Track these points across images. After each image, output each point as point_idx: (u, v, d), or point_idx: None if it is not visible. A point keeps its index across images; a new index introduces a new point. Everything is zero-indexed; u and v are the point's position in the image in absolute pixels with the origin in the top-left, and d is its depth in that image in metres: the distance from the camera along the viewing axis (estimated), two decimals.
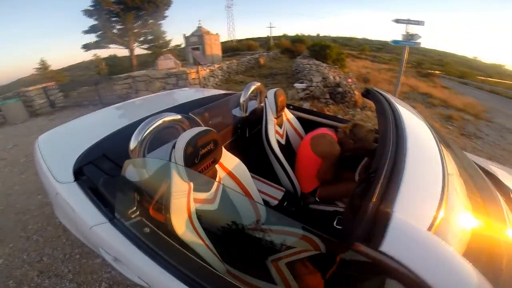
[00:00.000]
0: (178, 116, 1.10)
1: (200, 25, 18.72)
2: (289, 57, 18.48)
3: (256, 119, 1.93)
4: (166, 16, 17.48)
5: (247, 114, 1.89)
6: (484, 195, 0.88)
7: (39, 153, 1.31)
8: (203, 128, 0.98)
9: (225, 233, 1.13)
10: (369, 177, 1.52)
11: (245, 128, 1.89)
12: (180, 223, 0.90)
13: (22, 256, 1.96)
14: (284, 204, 1.55)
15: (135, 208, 0.91)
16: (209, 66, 9.11)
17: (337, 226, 1.43)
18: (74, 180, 1.08)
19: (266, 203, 1.50)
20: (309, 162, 1.65)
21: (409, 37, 4.93)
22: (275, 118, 1.78)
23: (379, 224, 0.50)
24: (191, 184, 0.94)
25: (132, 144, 0.92)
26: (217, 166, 1.11)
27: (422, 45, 5.62)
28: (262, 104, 2.01)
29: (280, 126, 1.86)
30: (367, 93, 1.78)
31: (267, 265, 1.18)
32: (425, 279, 0.44)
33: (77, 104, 7.13)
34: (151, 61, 15.70)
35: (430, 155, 0.83)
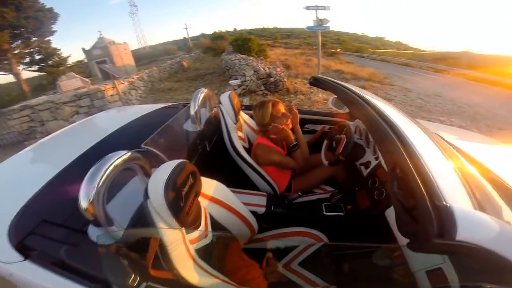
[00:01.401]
0: (131, 154, 0.89)
1: (101, 36, 16.50)
2: (212, 55, 18.30)
3: (211, 129, 1.78)
4: (55, 31, 14.74)
5: (202, 127, 1.70)
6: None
7: None
8: (174, 162, 0.83)
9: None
10: (339, 158, 1.64)
11: (204, 143, 1.70)
12: (190, 272, 0.81)
13: None
14: (272, 209, 1.51)
15: (133, 275, 0.77)
16: (126, 78, 8.14)
17: (326, 214, 1.49)
18: (25, 259, 0.85)
19: (254, 214, 1.44)
20: (265, 168, 1.64)
21: (320, 22, 5.44)
22: (234, 124, 1.68)
23: (446, 218, 0.50)
24: (183, 229, 0.84)
25: (84, 202, 0.72)
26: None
27: (327, 28, 6.16)
28: (213, 112, 1.88)
29: (240, 130, 1.78)
30: (315, 81, 1.87)
31: (280, 271, 1.16)
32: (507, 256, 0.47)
33: None
34: (48, 83, 13.12)
35: (422, 138, 0.92)
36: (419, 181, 0.61)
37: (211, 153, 1.73)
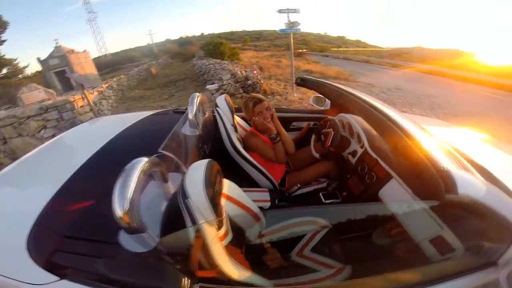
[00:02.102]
0: (154, 159, 0.88)
1: (58, 44, 15.31)
2: (181, 61, 17.90)
3: (207, 132, 1.80)
4: (4, 41, 13.36)
5: (200, 132, 1.69)
6: None
7: None
8: (204, 161, 0.88)
9: (247, 254, 1.10)
10: (329, 149, 1.81)
11: (203, 146, 1.72)
12: (230, 267, 0.85)
13: None
14: (276, 202, 1.60)
15: (185, 278, 0.78)
16: (95, 87, 7.72)
17: (326, 201, 1.63)
18: (61, 278, 0.80)
19: (261, 209, 1.54)
20: (257, 159, 1.72)
21: (291, 25, 5.70)
22: (232, 125, 1.75)
23: (448, 178, 0.68)
24: (215, 226, 0.89)
25: (119, 210, 0.70)
26: None
27: (298, 30, 6.31)
28: (207, 116, 1.91)
29: (236, 132, 1.85)
30: (302, 82, 2.02)
31: (295, 260, 1.22)
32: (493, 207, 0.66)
33: None
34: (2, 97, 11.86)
35: (407, 122, 1.10)
36: (420, 154, 0.78)
37: (211, 156, 1.76)
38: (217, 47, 11.77)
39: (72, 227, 0.93)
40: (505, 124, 5.34)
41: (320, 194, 1.67)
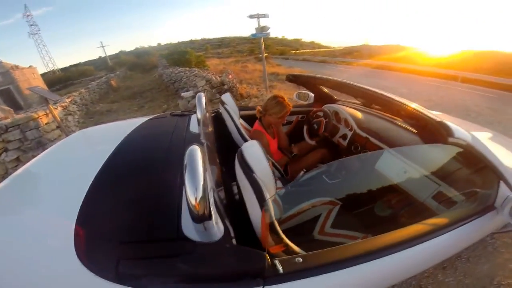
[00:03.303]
0: (202, 148, 0.85)
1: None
2: (141, 72, 17.20)
3: (213, 130, 1.80)
4: None
5: (210, 129, 1.70)
6: None
7: None
8: (252, 141, 1.01)
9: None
10: (324, 135, 2.07)
11: (215, 143, 1.72)
12: (288, 240, 0.87)
13: None
14: (290, 188, 1.74)
15: (265, 255, 0.74)
16: (57, 102, 7.11)
17: (330, 182, 1.75)
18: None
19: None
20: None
21: (262, 29, 5.92)
22: (239, 119, 1.83)
23: (446, 127, 0.96)
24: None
25: (192, 198, 0.65)
26: None
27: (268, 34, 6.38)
28: (207, 114, 1.86)
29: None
30: (293, 78, 2.23)
31: (320, 239, 1.30)
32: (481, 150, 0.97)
33: None
34: None
35: (392, 96, 1.30)
36: (420, 112, 1.07)
37: (221, 151, 1.76)
38: (183, 55, 11.68)
39: (122, 231, 0.82)
40: (444, 102, 6.88)
41: (323, 176, 1.81)
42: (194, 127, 1.58)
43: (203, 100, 1.60)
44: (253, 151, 0.95)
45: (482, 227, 1.13)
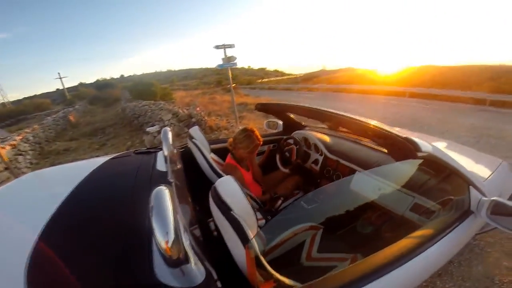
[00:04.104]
0: (171, 188, 0.82)
1: None
2: (103, 106, 16.44)
3: (182, 167, 1.73)
4: None
5: (179, 166, 1.63)
6: None
7: None
8: (229, 177, 0.94)
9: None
10: (297, 162, 2.08)
11: (185, 180, 1.64)
12: (278, 275, 0.84)
13: None
14: (270, 219, 1.63)
15: None
16: (5, 140, 6.30)
17: (308, 207, 1.73)
18: None
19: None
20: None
21: (228, 60, 5.86)
22: (210, 154, 1.74)
23: (413, 142, 1.01)
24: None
25: (163, 242, 0.59)
26: None
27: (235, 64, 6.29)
28: (175, 150, 1.81)
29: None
30: (262, 107, 2.26)
31: (308, 265, 1.29)
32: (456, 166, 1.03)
33: None
34: None
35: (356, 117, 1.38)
36: (386, 131, 1.12)
37: (192, 189, 1.63)
38: (148, 87, 11.46)
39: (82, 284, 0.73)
40: (397, 118, 7.57)
41: (301, 202, 1.79)
42: (161, 165, 1.48)
43: (169, 135, 1.54)
44: (228, 188, 0.90)
45: (466, 231, 1.18)
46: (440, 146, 1.64)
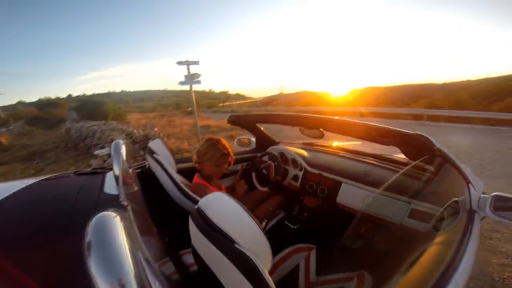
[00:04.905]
0: (124, 213, 0.62)
1: None
2: (44, 127, 14.66)
3: (140, 189, 1.42)
4: None
5: (135, 188, 1.34)
6: None
7: None
8: (220, 193, 0.71)
9: None
10: (277, 179, 1.91)
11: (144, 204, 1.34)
12: None
13: None
14: None
15: None
16: None
17: (295, 226, 1.66)
18: None
19: None
20: None
21: (191, 77, 5.56)
22: (176, 172, 1.49)
23: (427, 138, 0.97)
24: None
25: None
26: None
27: (199, 82, 6.01)
28: (130, 170, 1.59)
29: None
30: (236, 119, 2.11)
31: None
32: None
33: None
34: None
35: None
36: (395, 130, 1.07)
37: (154, 214, 1.33)
38: (98, 107, 10.57)
39: None
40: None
41: (286, 222, 1.72)
42: (111, 187, 1.20)
43: (123, 149, 1.17)
44: (223, 209, 0.63)
45: (478, 232, 1.07)
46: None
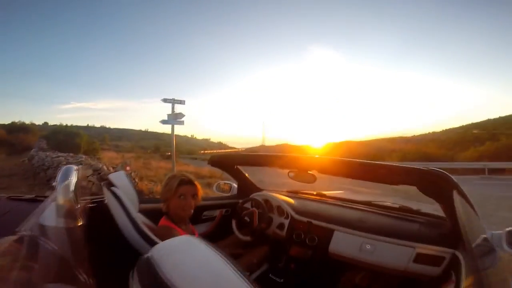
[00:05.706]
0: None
1: None
2: (7, 153, 13.62)
3: (86, 224, 1.15)
4: None
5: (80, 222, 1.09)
6: None
7: None
8: (188, 237, 0.55)
9: None
10: (261, 227, 1.74)
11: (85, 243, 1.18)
12: None
13: None
14: None
15: None
16: None
17: (281, 280, 1.56)
18: None
19: None
20: None
21: (175, 116, 5.50)
22: (138, 212, 1.31)
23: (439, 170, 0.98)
24: None
25: None
26: None
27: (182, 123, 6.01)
28: (79, 205, 1.38)
29: None
30: (216, 159, 2.02)
31: None
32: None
33: None
34: None
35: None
36: (403, 167, 1.10)
37: (106, 259, 1.14)
38: (71, 137, 10.06)
39: None
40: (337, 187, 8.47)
41: (270, 275, 1.59)
42: (49, 218, 0.90)
43: (74, 175, 0.94)
44: (189, 259, 0.45)
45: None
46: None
